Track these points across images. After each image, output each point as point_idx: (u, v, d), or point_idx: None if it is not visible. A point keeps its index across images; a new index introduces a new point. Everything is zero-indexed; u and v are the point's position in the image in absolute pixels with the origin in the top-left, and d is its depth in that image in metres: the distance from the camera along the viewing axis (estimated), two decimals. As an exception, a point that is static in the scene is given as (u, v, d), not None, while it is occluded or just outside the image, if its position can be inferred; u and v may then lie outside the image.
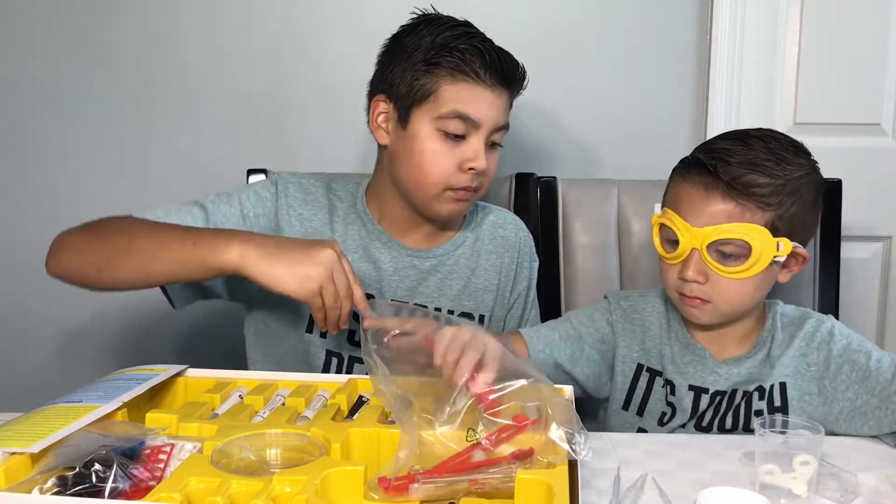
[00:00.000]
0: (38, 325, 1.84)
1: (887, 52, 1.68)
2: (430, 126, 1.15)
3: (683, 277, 1.07)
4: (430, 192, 1.17)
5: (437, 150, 1.15)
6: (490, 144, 1.18)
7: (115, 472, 0.73)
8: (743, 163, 1.04)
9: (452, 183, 1.16)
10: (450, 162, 1.15)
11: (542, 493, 0.72)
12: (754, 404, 1.12)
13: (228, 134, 1.76)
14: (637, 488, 0.87)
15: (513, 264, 1.32)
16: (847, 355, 1.10)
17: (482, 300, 1.28)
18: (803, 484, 0.84)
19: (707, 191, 1.05)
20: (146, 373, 0.96)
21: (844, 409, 1.08)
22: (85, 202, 1.80)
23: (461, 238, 1.29)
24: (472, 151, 1.15)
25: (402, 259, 1.24)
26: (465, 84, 1.14)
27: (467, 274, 1.27)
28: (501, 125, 1.18)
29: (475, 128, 1.15)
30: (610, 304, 1.23)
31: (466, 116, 1.14)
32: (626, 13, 1.70)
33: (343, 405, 0.93)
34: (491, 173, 1.20)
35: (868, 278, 1.77)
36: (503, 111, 1.18)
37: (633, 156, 1.73)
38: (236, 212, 1.19)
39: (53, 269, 1.08)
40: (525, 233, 1.36)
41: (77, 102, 1.77)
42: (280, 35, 1.72)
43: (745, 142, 1.06)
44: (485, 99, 1.14)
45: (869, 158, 1.70)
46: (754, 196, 1.03)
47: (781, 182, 1.03)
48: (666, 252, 1.11)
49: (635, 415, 1.18)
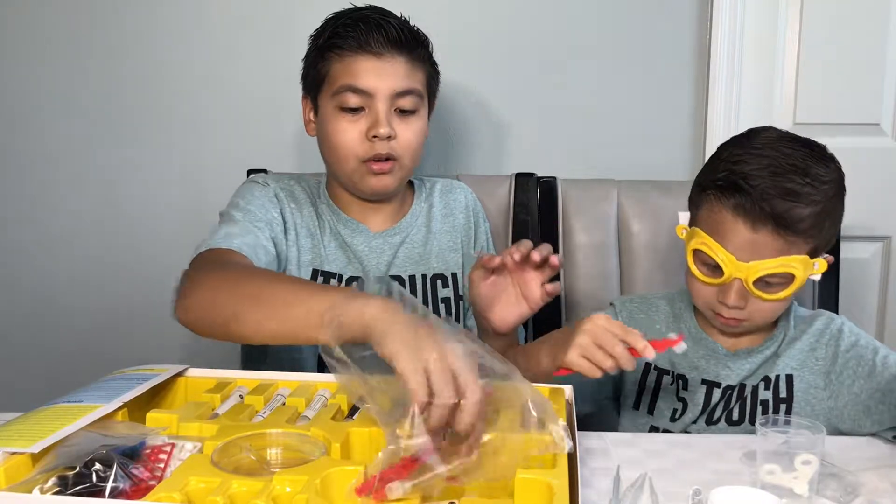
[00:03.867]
0: (38, 324, 1.84)
1: (887, 52, 1.68)
2: (331, 106, 1.20)
3: (724, 303, 1.07)
4: (346, 168, 1.21)
5: (340, 127, 1.20)
6: (400, 111, 1.20)
7: (116, 471, 0.72)
8: (786, 193, 1.02)
9: (361, 154, 1.19)
10: (353, 134, 1.19)
11: (542, 493, 0.72)
12: (760, 394, 1.13)
13: (228, 134, 1.76)
14: (637, 488, 0.87)
15: (469, 223, 1.37)
16: (854, 351, 1.12)
17: (449, 259, 1.33)
18: (804, 483, 0.84)
19: (755, 227, 1.03)
20: (146, 373, 0.96)
21: (849, 403, 1.10)
22: (85, 202, 1.80)
23: (418, 209, 1.34)
24: (372, 119, 1.18)
25: (374, 240, 1.29)
26: (351, 58, 1.18)
27: (430, 239, 1.33)
28: (402, 90, 1.19)
29: (370, 97, 1.18)
30: (616, 308, 1.25)
31: (356, 87, 1.17)
32: (625, 13, 1.70)
33: (343, 405, 0.92)
34: (408, 142, 1.21)
35: (868, 278, 1.77)
36: (401, 77, 1.19)
37: (633, 156, 1.73)
38: (265, 217, 1.20)
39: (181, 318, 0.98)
40: (473, 196, 1.41)
41: (77, 102, 1.77)
42: (280, 35, 1.72)
43: (781, 164, 1.03)
44: (372, 68, 1.18)
45: (869, 158, 1.70)
46: (800, 231, 1.03)
47: (820, 208, 1.03)
48: (703, 274, 1.09)
49: (646, 413, 1.19)
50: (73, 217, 1.81)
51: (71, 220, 1.82)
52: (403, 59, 1.19)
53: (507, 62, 1.72)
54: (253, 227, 1.17)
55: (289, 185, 1.31)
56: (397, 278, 1.28)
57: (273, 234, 1.20)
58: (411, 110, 1.21)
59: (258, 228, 1.17)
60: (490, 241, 1.41)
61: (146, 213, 1.79)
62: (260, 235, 1.16)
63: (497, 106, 1.73)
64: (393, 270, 1.29)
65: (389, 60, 1.18)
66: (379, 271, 1.28)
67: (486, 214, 1.42)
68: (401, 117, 1.20)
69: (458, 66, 1.56)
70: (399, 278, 1.28)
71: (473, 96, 1.72)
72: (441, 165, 1.74)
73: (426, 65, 1.25)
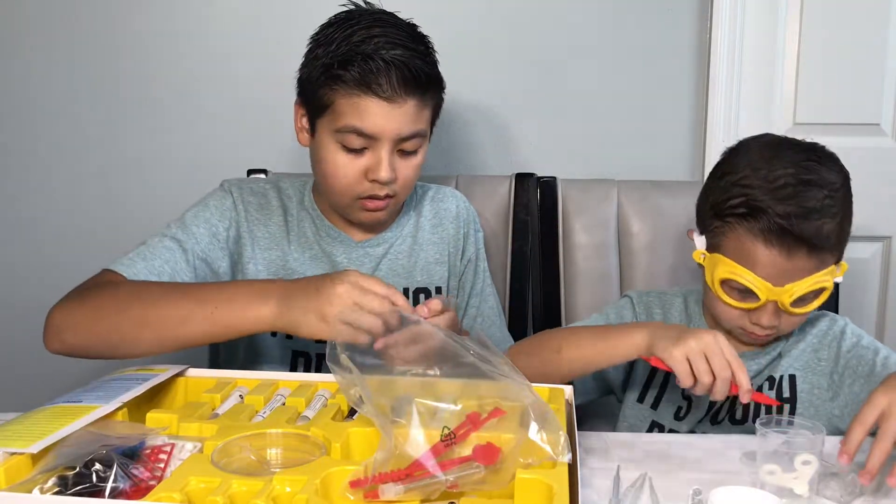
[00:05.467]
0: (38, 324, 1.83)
1: (887, 52, 1.68)
2: (331, 138, 1.14)
3: (758, 324, 1.06)
4: (341, 201, 1.18)
5: (339, 162, 1.14)
6: (403, 152, 1.15)
7: (116, 471, 0.73)
8: (811, 212, 1.00)
9: (359, 192, 1.16)
10: (352, 173, 1.14)
11: (542, 493, 0.72)
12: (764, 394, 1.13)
13: (228, 134, 1.76)
14: (637, 488, 0.87)
15: (458, 234, 1.32)
16: (855, 351, 1.12)
17: (434, 273, 1.29)
18: (804, 484, 0.84)
19: (790, 253, 1.01)
20: (146, 373, 0.96)
21: (849, 402, 1.10)
22: (85, 202, 1.80)
23: (405, 219, 1.30)
24: (374, 162, 1.13)
25: (355, 250, 1.25)
26: (360, 98, 1.10)
27: (415, 250, 1.29)
28: (408, 134, 1.13)
29: (375, 140, 1.12)
30: (633, 300, 1.24)
31: (362, 131, 1.11)
32: (626, 13, 1.70)
33: (343, 405, 0.92)
34: (406, 179, 1.17)
35: (868, 278, 1.77)
36: (408, 120, 1.12)
37: (633, 156, 1.73)
38: (206, 233, 1.18)
39: (56, 347, 1.03)
40: (465, 203, 1.36)
41: (77, 102, 1.77)
42: (280, 35, 1.71)
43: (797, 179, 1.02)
44: (381, 112, 1.10)
45: (869, 158, 1.70)
46: (828, 246, 1.03)
47: (840, 217, 1.04)
48: (734, 300, 1.07)
49: (650, 408, 1.19)
50: (72, 217, 1.81)
51: (71, 220, 1.81)
52: (414, 101, 1.12)
53: (507, 62, 1.72)
54: (176, 248, 1.13)
55: (263, 190, 1.26)
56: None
57: (207, 251, 1.16)
58: (413, 151, 1.17)
59: (183, 250, 1.13)
60: (481, 252, 1.35)
61: (146, 213, 1.78)
62: (179, 258, 1.12)
63: (497, 106, 1.73)
64: None
65: (399, 104, 1.11)
66: None
67: (479, 224, 1.37)
68: (402, 156, 1.16)
69: (459, 66, 1.55)
70: None
71: (473, 96, 1.72)
72: (441, 165, 1.74)
73: (436, 98, 1.19)
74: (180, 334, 0.98)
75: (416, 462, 0.73)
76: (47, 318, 1.04)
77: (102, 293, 1.03)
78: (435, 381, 0.85)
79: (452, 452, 0.76)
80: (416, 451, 0.75)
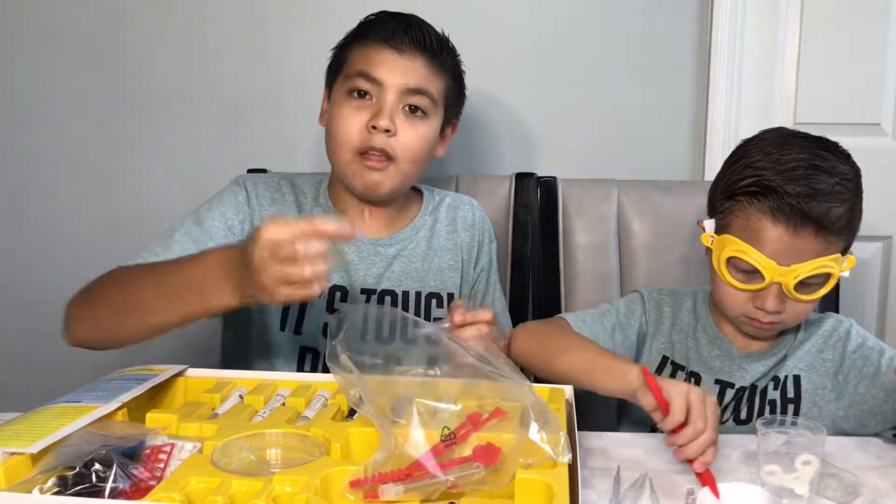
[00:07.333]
0: (38, 324, 1.84)
1: (887, 52, 1.68)
2: (342, 90, 1.19)
3: (762, 308, 1.06)
4: (342, 158, 1.18)
5: (345, 113, 1.17)
6: (410, 109, 1.17)
7: (115, 471, 0.73)
8: (821, 194, 1.01)
9: (357, 144, 1.16)
10: (354, 123, 1.16)
11: (542, 493, 0.72)
12: (769, 394, 1.14)
13: (228, 134, 1.76)
14: (637, 488, 0.87)
15: (473, 242, 1.33)
16: (861, 352, 1.12)
17: (447, 279, 1.29)
18: (805, 484, 0.84)
19: (797, 231, 1.02)
20: (146, 373, 0.96)
21: (854, 403, 1.10)
22: (85, 202, 1.80)
23: (420, 222, 1.30)
24: (376, 109, 1.15)
25: (367, 248, 1.25)
26: (371, 47, 1.17)
27: (430, 255, 1.28)
28: (415, 87, 1.17)
29: (380, 87, 1.16)
30: (644, 297, 1.24)
31: (368, 74, 1.16)
32: (626, 13, 1.70)
33: (343, 405, 0.92)
34: (409, 143, 1.17)
35: (868, 278, 1.77)
36: (417, 75, 1.17)
37: (633, 156, 1.73)
38: (221, 226, 1.19)
39: (70, 340, 1.06)
40: (481, 213, 1.37)
41: (77, 103, 1.77)
42: (280, 35, 1.72)
43: (809, 164, 1.03)
44: (390, 60, 1.16)
45: (869, 158, 1.68)
46: (836, 230, 1.03)
47: (850, 205, 1.04)
48: (739, 282, 1.07)
49: None
50: (73, 217, 1.81)
51: (71, 220, 1.81)
52: (424, 60, 1.17)
53: (507, 62, 1.72)
54: (190, 242, 1.14)
55: (278, 185, 1.27)
56: (390, 293, 1.24)
57: (221, 244, 1.15)
58: (420, 112, 1.18)
59: (196, 244, 1.14)
60: (493, 263, 1.36)
61: (146, 213, 1.78)
62: (193, 251, 1.11)
63: (497, 106, 1.73)
64: (385, 284, 1.24)
65: (409, 57, 1.16)
66: (366, 283, 1.23)
67: (493, 234, 1.37)
68: (408, 117, 1.17)
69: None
70: (392, 293, 1.24)
71: (473, 96, 1.71)
72: (442, 165, 1.74)
73: (448, 76, 1.22)
74: (152, 322, 1.00)
75: (416, 462, 0.73)
76: (65, 312, 1.07)
77: (104, 282, 1.06)
78: (435, 381, 0.85)
79: (452, 453, 0.76)
80: (416, 451, 0.75)
